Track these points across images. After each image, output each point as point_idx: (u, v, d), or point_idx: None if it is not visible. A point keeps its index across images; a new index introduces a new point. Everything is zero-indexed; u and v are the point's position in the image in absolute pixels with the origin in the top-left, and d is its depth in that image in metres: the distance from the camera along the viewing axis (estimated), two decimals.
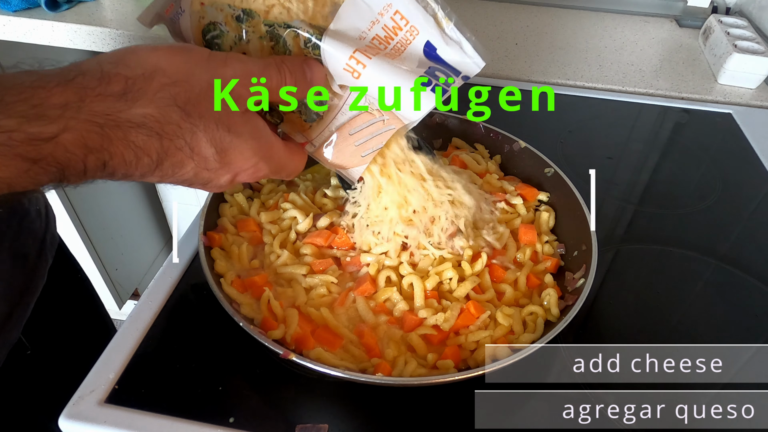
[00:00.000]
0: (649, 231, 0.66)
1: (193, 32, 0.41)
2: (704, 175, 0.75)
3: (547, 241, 0.57)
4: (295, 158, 0.43)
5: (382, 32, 0.40)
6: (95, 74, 0.30)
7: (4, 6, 0.92)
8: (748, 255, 0.62)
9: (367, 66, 0.40)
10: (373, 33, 0.40)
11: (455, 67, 0.42)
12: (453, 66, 0.42)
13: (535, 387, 0.44)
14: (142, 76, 0.31)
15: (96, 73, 0.30)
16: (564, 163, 0.61)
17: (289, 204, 0.57)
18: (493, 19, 1.09)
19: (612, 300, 0.56)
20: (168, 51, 0.33)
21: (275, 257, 0.53)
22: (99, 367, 0.45)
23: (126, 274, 1.48)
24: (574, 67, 0.93)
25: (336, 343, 0.47)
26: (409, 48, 0.41)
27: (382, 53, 0.41)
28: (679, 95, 0.89)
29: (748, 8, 1.08)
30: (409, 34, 0.41)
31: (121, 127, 0.30)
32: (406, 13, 0.40)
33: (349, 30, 0.40)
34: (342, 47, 0.40)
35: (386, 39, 0.41)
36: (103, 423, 0.41)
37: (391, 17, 0.40)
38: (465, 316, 0.48)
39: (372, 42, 0.41)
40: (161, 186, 1.39)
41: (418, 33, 0.41)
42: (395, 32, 0.40)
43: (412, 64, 0.41)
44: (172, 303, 0.51)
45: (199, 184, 0.36)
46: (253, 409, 0.44)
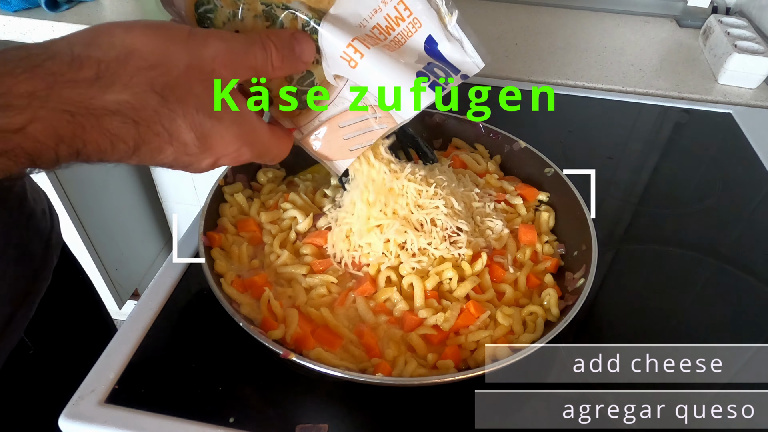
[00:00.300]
0: (649, 231, 0.66)
1: (186, 3, 0.40)
2: (704, 175, 0.75)
3: (547, 241, 0.57)
4: (280, 143, 0.41)
5: (383, 21, 0.39)
6: (65, 58, 0.28)
7: (4, 6, 0.92)
8: (748, 255, 0.62)
9: (365, 56, 0.38)
10: (374, 21, 0.39)
11: (454, 65, 0.41)
12: (452, 63, 0.41)
13: (535, 387, 0.44)
14: (116, 59, 0.29)
15: (66, 56, 0.28)
16: (564, 163, 0.61)
17: (289, 204, 0.57)
18: (493, 19, 1.09)
19: (612, 300, 0.56)
20: (144, 30, 0.30)
21: (275, 257, 0.53)
22: (99, 367, 0.45)
23: (126, 274, 1.48)
24: (574, 67, 0.93)
25: (336, 343, 0.47)
26: (409, 41, 0.40)
27: (382, 44, 0.40)
28: (679, 95, 0.89)
29: (748, 8, 1.08)
30: (411, 26, 0.40)
31: (94, 114, 0.28)
32: (410, 4, 0.39)
33: (349, 16, 0.39)
34: (341, 34, 0.38)
35: (387, 29, 0.40)
36: (103, 423, 0.41)
37: (394, 6, 0.39)
38: (465, 316, 0.48)
39: (372, 31, 0.39)
40: (161, 186, 1.39)
41: (421, 26, 0.40)
42: (397, 23, 0.39)
43: (411, 59, 0.40)
44: (172, 303, 0.51)
45: (180, 167, 0.35)
46: (253, 409, 0.44)
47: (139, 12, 0.99)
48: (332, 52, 0.39)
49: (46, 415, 0.43)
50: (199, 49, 0.32)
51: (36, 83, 0.27)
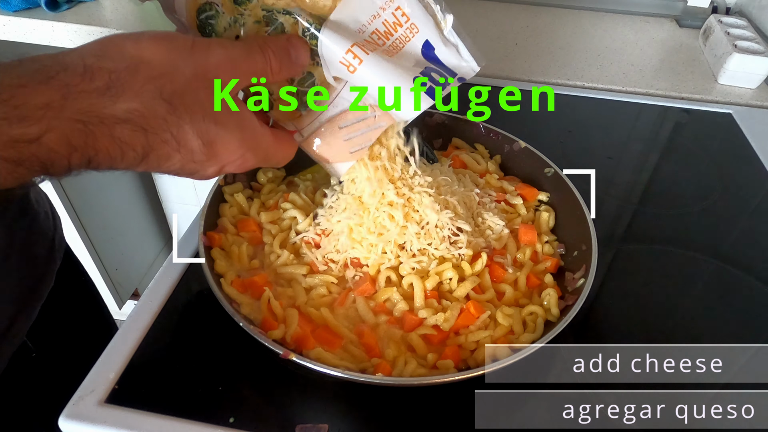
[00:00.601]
0: (649, 231, 0.66)
1: (187, 11, 0.40)
2: (704, 175, 0.75)
3: (547, 241, 0.57)
4: (284, 147, 0.42)
5: (382, 27, 0.40)
6: (77, 69, 0.29)
7: (4, 6, 0.92)
8: (748, 255, 0.62)
9: (363, 61, 0.39)
10: (373, 27, 0.40)
11: (451, 69, 0.42)
12: (449, 68, 0.42)
13: (535, 387, 0.44)
14: (126, 69, 0.30)
15: (78, 68, 0.29)
16: (564, 163, 0.61)
17: (289, 204, 0.57)
18: (493, 19, 1.09)
19: (612, 300, 0.56)
20: (152, 41, 0.32)
21: (275, 257, 0.53)
22: (99, 367, 0.45)
23: (126, 274, 1.48)
24: (574, 67, 0.93)
25: (336, 343, 0.47)
26: (407, 46, 0.41)
27: (380, 49, 0.40)
28: (679, 95, 0.89)
29: (748, 8, 1.08)
30: (409, 31, 0.40)
31: (106, 123, 0.29)
32: (407, 10, 0.40)
33: (349, 22, 0.40)
34: (340, 40, 0.39)
35: (386, 34, 0.40)
36: (103, 423, 0.41)
37: (392, 12, 0.40)
38: (465, 316, 0.48)
39: (371, 36, 0.40)
40: (161, 186, 1.39)
41: (418, 31, 0.40)
42: (395, 28, 0.40)
43: (409, 63, 0.41)
44: (172, 303, 0.51)
45: (186, 174, 0.36)
46: (253, 409, 0.44)
47: (138, 12, 0.99)
48: (331, 58, 0.40)
49: (47, 415, 0.43)
50: (202, 58, 0.33)
51: (51, 94, 0.28)
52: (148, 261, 1.60)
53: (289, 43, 0.38)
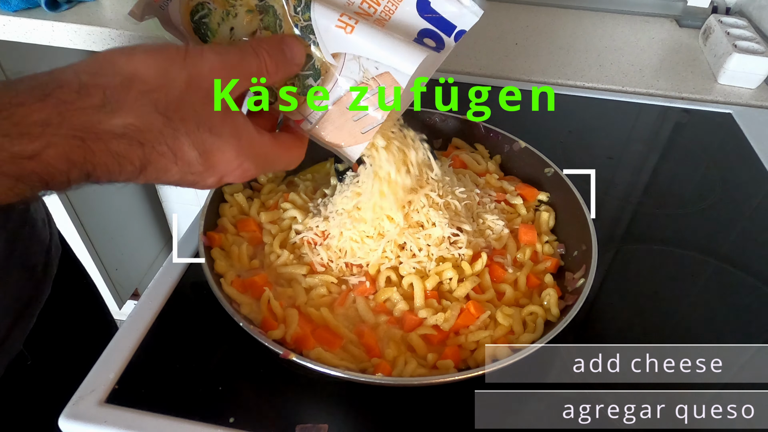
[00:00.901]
0: (649, 231, 0.66)
1: (181, 16, 0.40)
2: (704, 175, 0.75)
3: (547, 241, 0.57)
4: (289, 151, 0.42)
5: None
6: (73, 86, 0.29)
7: (4, 6, 0.91)
8: (748, 255, 0.62)
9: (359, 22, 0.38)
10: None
11: (450, 20, 0.40)
12: (447, 19, 0.40)
13: (535, 387, 0.44)
14: (120, 85, 0.30)
15: (74, 85, 0.29)
16: (564, 163, 0.61)
17: (289, 204, 0.57)
18: (493, 19, 1.08)
19: (612, 300, 0.56)
20: (144, 55, 0.32)
21: (275, 257, 0.53)
22: (99, 367, 0.45)
23: (126, 274, 1.48)
24: (574, 67, 0.93)
25: (336, 343, 0.47)
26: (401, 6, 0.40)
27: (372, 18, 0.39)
28: (679, 95, 0.89)
29: (748, 8, 1.08)
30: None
31: (102, 138, 0.30)
32: None
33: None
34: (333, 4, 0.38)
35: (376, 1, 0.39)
36: (103, 423, 0.41)
37: None
38: (465, 316, 0.48)
39: (360, 7, 0.39)
40: (161, 186, 1.39)
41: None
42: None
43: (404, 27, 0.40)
44: (172, 303, 0.51)
45: (186, 185, 0.36)
46: (253, 409, 0.44)
47: None
48: (327, 25, 0.39)
49: (50, 418, 0.43)
50: (196, 66, 0.33)
51: (48, 111, 0.28)
52: (148, 261, 1.61)
53: (282, 42, 0.38)
